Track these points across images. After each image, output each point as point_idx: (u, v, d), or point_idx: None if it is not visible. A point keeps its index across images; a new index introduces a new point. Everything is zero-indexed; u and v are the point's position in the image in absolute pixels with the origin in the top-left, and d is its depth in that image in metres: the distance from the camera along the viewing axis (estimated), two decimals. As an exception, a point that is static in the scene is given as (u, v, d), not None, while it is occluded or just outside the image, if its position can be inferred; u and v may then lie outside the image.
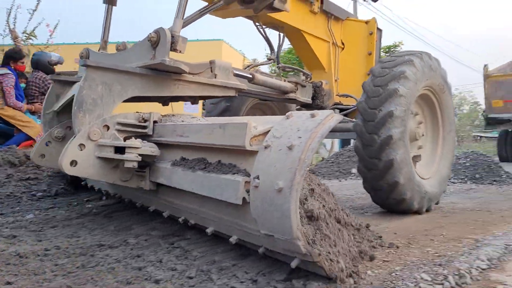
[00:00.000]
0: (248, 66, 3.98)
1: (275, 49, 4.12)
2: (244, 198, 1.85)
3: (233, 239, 2.10)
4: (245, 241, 2.09)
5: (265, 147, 1.82)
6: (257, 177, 1.78)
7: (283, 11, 3.39)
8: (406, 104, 3.29)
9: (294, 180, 1.61)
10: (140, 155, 2.46)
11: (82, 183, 4.19)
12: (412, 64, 3.36)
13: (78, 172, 2.45)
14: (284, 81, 3.99)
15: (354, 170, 7.58)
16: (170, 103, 3.34)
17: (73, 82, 3.32)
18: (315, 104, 4.33)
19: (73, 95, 3.07)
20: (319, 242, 1.72)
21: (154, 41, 2.73)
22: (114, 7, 3.52)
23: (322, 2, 4.26)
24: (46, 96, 3.41)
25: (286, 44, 17.78)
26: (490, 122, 13.15)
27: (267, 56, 4.65)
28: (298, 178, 1.61)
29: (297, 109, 4.55)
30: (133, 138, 2.50)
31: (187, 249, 2.29)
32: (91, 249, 2.35)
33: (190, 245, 2.37)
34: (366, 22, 4.59)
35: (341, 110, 4.43)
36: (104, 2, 3.51)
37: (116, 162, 2.56)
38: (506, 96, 12.59)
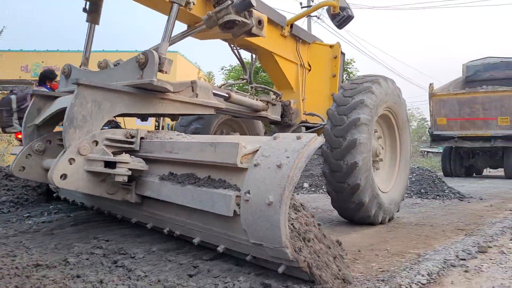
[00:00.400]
0: (223, 85, 4.21)
1: (248, 69, 4.41)
2: (235, 211, 2.08)
3: (220, 248, 2.33)
4: (232, 250, 2.31)
5: (255, 165, 2.08)
6: (248, 192, 2.02)
7: (259, 36, 3.68)
8: (368, 130, 3.67)
9: (283, 195, 1.87)
10: (129, 169, 2.63)
11: (54, 195, 4.22)
12: (371, 91, 3.76)
13: (67, 185, 2.57)
14: (257, 99, 4.28)
15: (306, 185, 7.95)
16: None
17: (55, 97, 3.41)
18: (283, 121, 4.64)
19: (56, 110, 3.18)
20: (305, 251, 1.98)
21: (143, 62, 2.92)
22: (96, 25, 3.66)
23: (291, 27, 4.61)
24: (27, 110, 3.46)
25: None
26: (435, 139, 14.09)
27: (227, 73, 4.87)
28: (287, 193, 1.87)
29: (268, 126, 4.83)
30: (123, 153, 2.65)
31: (130, 268, 2.24)
32: (27, 269, 2.20)
33: (134, 263, 2.35)
34: (331, 46, 5.00)
35: (307, 128, 4.78)
36: (87, 21, 3.64)
37: (104, 176, 2.71)
38: (449, 114, 13.48)
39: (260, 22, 3.64)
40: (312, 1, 21.02)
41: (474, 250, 2.96)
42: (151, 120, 14.71)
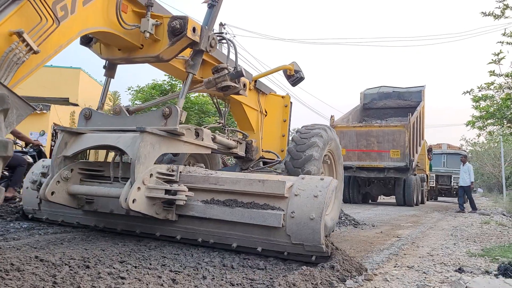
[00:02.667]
0: (205, 127, 5.41)
1: (223, 114, 5.77)
2: (282, 224, 3.47)
3: (259, 249, 3.64)
4: (267, 250, 3.64)
5: (295, 195, 3.51)
6: (293, 212, 3.45)
7: (242, 95, 5.12)
8: (318, 164, 5.29)
9: (322, 213, 3.35)
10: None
11: (30, 216, 4.97)
12: (321, 136, 5.43)
13: (136, 207, 3.62)
14: (230, 139, 5.62)
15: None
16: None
17: (80, 133, 4.26)
18: (246, 157, 6.04)
19: (96, 145, 4.10)
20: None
21: (167, 113, 4.10)
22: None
23: (255, 82, 6.11)
24: (57, 143, 4.26)
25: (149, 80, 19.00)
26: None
27: (216, 120, 6.06)
28: (323, 213, 3.36)
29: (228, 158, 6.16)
30: (182, 184, 3.81)
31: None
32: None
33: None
34: (283, 97, 6.61)
35: (264, 163, 6.25)
36: (104, 75, 4.63)
37: (157, 201, 3.80)
38: (348, 145, 14.99)
39: (244, 85, 5.08)
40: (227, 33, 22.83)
41: (361, 279, 3.30)
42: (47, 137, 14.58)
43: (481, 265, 4.33)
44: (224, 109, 5.94)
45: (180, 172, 4.08)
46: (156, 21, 4.06)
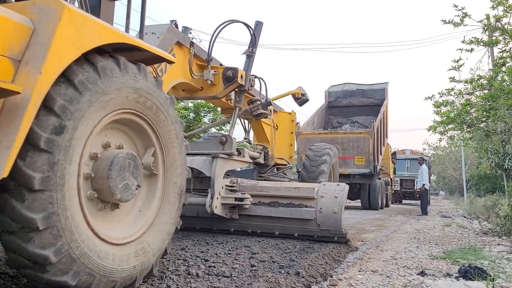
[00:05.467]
0: (238, 142, 7.28)
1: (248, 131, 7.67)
2: (314, 217, 5.45)
3: (296, 235, 5.62)
4: (302, 235, 5.62)
5: (321, 197, 5.51)
6: (321, 208, 5.45)
7: (268, 118, 7.05)
8: (326, 176, 7.35)
9: (342, 208, 5.37)
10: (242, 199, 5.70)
11: None
12: (329, 154, 7.51)
13: (217, 211, 5.49)
14: (254, 151, 7.53)
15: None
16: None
17: None
18: (264, 163, 7.95)
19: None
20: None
21: (224, 141, 5.96)
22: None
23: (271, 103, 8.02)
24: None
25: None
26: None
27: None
28: (342, 209, 5.38)
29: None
30: (246, 193, 5.71)
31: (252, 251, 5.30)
32: None
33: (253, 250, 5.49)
34: (290, 113, 8.58)
35: (277, 168, 8.19)
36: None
37: (228, 205, 5.69)
38: None
39: (271, 111, 7.00)
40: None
41: (326, 284, 3.50)
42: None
43: (443, 267, 4.62)
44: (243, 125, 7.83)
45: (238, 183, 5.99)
46: (215, 71, 5.89)
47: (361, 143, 15.18)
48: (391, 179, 22.09)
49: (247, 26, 6.20)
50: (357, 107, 18.13)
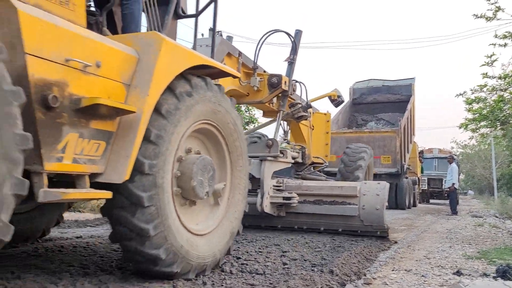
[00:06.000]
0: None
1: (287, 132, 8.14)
2: (358, 213, 5.89)
3: (340, 229, 6.06)
4: (345, 230, 6.06)
5: (364, 194, 5.94)
6: (364, 205, 5.88)
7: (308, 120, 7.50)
8: (364, 171, 7.77)
9: (383, 205, 5.79)
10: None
11: None
12: (366, 152, 7.94)
13: (266, 210, 5.98)
14: (293, 152, 7.98)
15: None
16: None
17: None
18: (302, 162, 8.40)
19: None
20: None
21: (270, 145, 6.42)
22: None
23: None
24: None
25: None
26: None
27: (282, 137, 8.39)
28: (384, 205, 5.80)
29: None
30: (293, 192, 6.18)
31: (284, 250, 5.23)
32: None
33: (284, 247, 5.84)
34: (325, 114, 9.01)
35: (314, 167, 8.63)
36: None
37: (276, 204, 6.16)
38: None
39: (311, 113, 7.45)
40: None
41: (360, 283, 3.47)
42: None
43: (479, 267, 4.54)
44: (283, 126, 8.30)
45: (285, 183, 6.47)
46: (261, 78, 6.37)
47: (387, 142, 14.73)
48: (418, 178, 21.61)
49: (288, 34, 6.66)
50: (382, 103, 17.55)
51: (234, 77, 4.15)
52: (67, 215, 6.90)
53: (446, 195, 21.71)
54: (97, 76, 2.68)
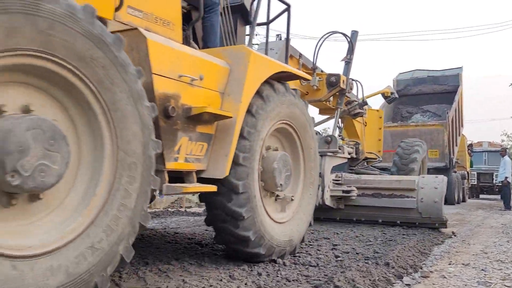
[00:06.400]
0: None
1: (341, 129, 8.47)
2: (416, 206, 6.17)
3: (398, 221, 6.36)
4: (403, 222, 6.34)
5: (421, 188, 6.22)
6: (422, 198, 6.16)
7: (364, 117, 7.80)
8: (418, 164, 8.01)
9: (442, 198, 6.06)
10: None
11: None
12: (420, 146, 8.20)
13: (327, 203, 6.36)
14: (348, 147, 8.30)
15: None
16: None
17: None
18: (356, 158, 8.70)
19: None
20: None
21: (329, 141, 6.77)
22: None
23: (363, 103, 8.76)
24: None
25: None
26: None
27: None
28: (443, 198, 6.06)
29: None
30: (352, 186, 6.53)
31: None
32: None
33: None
34: (377, 111, 9.26)
35: (367, 162, 8.91)
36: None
37: (335, 197, 6.53)
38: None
39: (366, 110, 7.75)
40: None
41: (418, 276, 3.45)
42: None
43: None
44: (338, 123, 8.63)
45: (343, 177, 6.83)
46: (320, 78, 6.73)
47: (434, 135, 14.18)
48: (467, 172, 20.79)
49: (345, 35, 6.98)
50: (428, 95, 16.91)
51: (306, 80, 4.56)
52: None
53: (497, 189, 21.08)
54: (201, 88, 3.15)
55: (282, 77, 4.11)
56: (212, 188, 3.11)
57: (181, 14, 3.43)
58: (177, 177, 3.15)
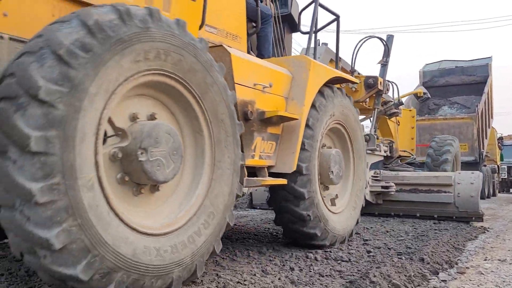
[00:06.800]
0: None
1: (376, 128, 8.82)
2: (454, 200, 6.51)
3: (435, 215, 6.70)
4: (440, 216, 6.69)
5: (458, 183, 6.55)
6: (459, 193, 6.50)
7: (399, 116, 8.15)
8: (450, 163, 8.31)
9: (478, 193, 6.38)
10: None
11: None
12: (452, 145, 8.47)
13: (367, 198, 6.73)
14: (383, 145, 8.66)
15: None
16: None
17: None
18: (390, 155, 9.04)
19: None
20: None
21: (367, 139, 7.14)
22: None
23: (395, 102, 9.11)
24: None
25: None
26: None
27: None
28: (479, 193, 6.39)
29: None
30: (390, 182, 6.91)
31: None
32: None
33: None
34: (410, 110, 9.59)
35: (401, 160, 9.25)
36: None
37: (374, 193, 6.91)
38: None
39: (401, 110, 8.10)
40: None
41: (454, 272, 3.43)
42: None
43: None
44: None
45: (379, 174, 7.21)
46: (358, 80, 7.12)
47: (463, 129, 13.76)
48: (497, 166, 20.41)
49: (381, 40, 7.35)
50: (456, 86, 16.26)
51: (354, 83, 4.99)
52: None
53: None
54: (270, 94, 3.61)
55: (332, 81, 4.55)
56: (283, 181, 3.57)
57: (246, 28, 3.90)
58: (250, 172, 3.61)
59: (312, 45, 4.60)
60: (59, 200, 1.94)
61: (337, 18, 4.80)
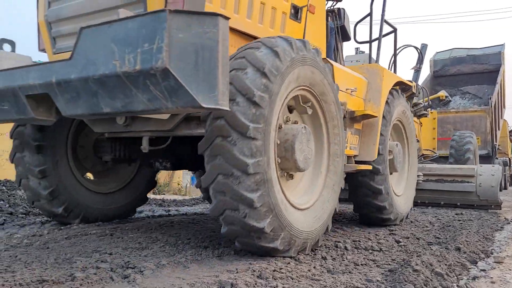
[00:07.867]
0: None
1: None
2: (476, 189, 7.47)
3: (458, 203, 7.67)
4: (462, 204, 7.64)
5: (480, 175, 7.54)
6: (480, 183, 7.50)
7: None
8: (472, 153, 9.27)
9: (498, 184, 7.39)
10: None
11: None
12: (472, 137, 9.46)
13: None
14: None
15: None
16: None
17: None
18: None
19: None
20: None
21: None
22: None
23: (418, 103, 10.03)
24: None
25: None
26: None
27: None
28: (498, 183, 7.37)
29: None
30: (419, 172, 7.85)
31: (143, 285, 2.37)
32: (32, 286, 2.26)
33: (146, 279, 2.50)
34: (431, 112, 10.55)
35: (424, 157, 10.18)
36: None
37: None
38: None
39: (429, 112, 9.04)
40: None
41: (491, 261, 3.45)
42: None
43: None
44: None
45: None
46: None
47: (476, 122, 13.32)
48: (509, 159, 20.00)
49: (416, 48, 8.26)
50: (467, 75, 15.61)
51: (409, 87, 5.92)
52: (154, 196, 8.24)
53: None
54: (355, 96, 4.51)
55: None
56: (368, 167, 4.51)
57: (325, 41, 4.76)
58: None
59: (372, 53, 5.50)
60: (261, 173, 2.78)
61: (394, 31, 5.68)
